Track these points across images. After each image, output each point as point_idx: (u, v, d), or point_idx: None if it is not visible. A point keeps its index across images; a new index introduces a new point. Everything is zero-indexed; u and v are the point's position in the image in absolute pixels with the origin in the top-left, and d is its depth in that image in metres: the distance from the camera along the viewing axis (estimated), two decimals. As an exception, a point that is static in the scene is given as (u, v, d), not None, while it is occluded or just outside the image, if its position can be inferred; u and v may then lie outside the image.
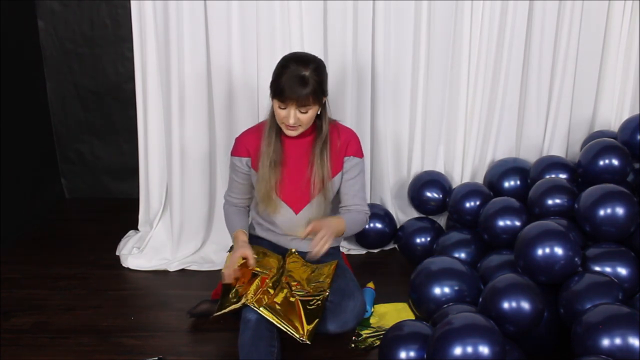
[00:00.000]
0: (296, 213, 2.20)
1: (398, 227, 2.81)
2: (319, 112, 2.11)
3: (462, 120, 2.80)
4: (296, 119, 2.03)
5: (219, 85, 2.61)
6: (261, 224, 2.31)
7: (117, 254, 2.81)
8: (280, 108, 2.03)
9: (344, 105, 2.68)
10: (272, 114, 2.12)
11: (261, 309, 1.96)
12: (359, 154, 2.22)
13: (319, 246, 2.02)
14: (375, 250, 2.86)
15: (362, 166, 2.24)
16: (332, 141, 2.17)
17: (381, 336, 2.10)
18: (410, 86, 2.76)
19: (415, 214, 2.89)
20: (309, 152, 2.16)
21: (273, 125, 2.13)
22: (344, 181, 2.23)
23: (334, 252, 2.32)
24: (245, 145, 2.21)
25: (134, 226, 2.93)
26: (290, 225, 2.23)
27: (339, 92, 2.67)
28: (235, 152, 2.23)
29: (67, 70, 3.22)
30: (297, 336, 1.94)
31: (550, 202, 2.41)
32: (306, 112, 2.03)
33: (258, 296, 2.00)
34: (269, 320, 1.96)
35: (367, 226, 2.70)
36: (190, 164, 2.68)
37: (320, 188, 2.15)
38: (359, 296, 2.15)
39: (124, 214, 3.09)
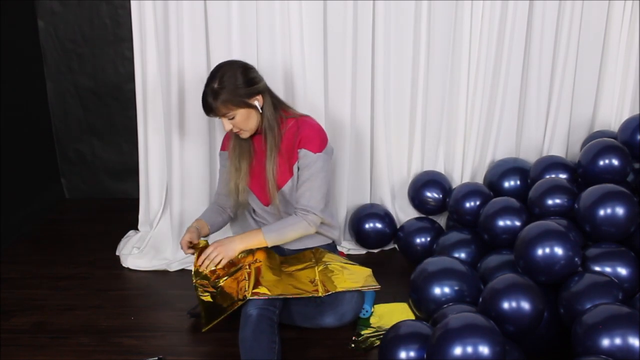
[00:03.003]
0: (265, 205, 2.27)
1: (398, 227, 2.81)
2: (262, 112, 2.16)
3: (462, 120, 2.79)
4: (229, 125, 2.12)
5: (219, 85, 2.61)
6: (255, 219, 2.35)
7: (117, 254, 2.81)
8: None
9: (344, 105, 2.68)
10: None
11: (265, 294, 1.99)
12: (315, 148, 2.14)
13: (204, 264, 2.11)
14: (375, 250, 2.85)
15: (319, 164, 2.14)
16: (288, 137, 2.20)
17: (381, 336, 2.10)
18: (410, 86, 2.76)
19: (415, 214, 2.89)
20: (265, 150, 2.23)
21: None
22: (298, 176, 2.20)
23: (327, 248, 2.34)
24: (225, 140, 2.34)
25: (134, 226, 2.93)
26: (267, 216, 2.30)
27: (338, 92, 2.67)
28: (221, 147, 2.37)
29: (67, 70, 3.22)
30: (312, 295, 2.03)
31: (550, 202, 2.41)
32: (233, 118, 2.10)
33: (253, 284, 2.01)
34: (269, 316, 1.96)
35: (367, 226, 2.72)
36: (190, 164, 2.68)
37: (277, 185, 2.21)
38: None
39: (124, 214, 3.10)
